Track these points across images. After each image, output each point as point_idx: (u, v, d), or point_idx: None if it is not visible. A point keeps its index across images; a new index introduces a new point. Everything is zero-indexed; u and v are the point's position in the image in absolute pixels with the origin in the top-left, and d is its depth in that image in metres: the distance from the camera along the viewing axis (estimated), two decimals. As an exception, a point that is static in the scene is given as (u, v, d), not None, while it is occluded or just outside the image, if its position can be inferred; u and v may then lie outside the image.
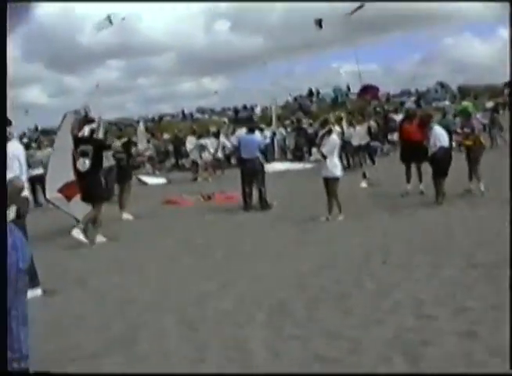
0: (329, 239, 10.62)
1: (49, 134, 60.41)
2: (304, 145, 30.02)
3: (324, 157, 12.58)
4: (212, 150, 25.52)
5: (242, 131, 16.41)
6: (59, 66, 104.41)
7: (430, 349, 5.21)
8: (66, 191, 12.84)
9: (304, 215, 13.18)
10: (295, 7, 57.38)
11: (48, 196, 13.28)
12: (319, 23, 30.86)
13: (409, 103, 18.91)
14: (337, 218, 12.36)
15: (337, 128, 22.59)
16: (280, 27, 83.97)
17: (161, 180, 27.05)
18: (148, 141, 40.48)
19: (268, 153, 30.88)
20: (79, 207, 12.72)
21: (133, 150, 16.79)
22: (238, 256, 9.86)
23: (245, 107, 58.54)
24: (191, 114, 61.95)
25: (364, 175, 17.83)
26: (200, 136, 26.51)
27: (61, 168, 12.78)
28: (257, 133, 16.15)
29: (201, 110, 61.56)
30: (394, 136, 25.12)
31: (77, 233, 11.76)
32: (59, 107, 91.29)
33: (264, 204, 14.98)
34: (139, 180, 26.76)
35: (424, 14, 63.06)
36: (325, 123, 13.53)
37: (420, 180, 14.76)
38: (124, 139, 16.49)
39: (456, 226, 10.51)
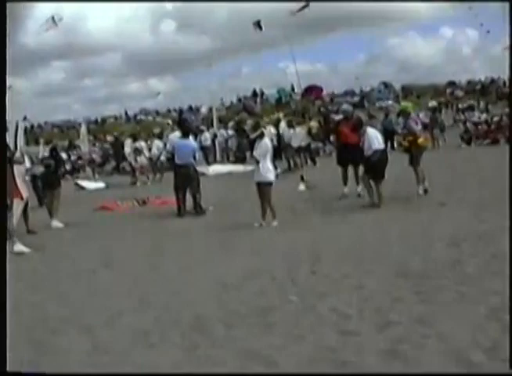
0: (259, 247, 10.21)
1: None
2: (246, 147, 29.58)
3: (257, 161, 12.21)
4: (147, 154, 24.94)
5: (175, 135, 15.79)
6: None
7: (349, 369, 4.86)
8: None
9: (238, 221, 12.82)
10: (241, 7, 57.05)
11: None
12: (258, 24, 30.54)
13: (346, 105, 18.55)
14: (271, 225, 12.00)
15: (272, 131, 22.38)
16: (226, 28, 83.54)
17: (100, 184, 26.41)
18: (94, 144, 39.84)
19: (209, 154, 30.62)
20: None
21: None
22: (161, 267, 9.38)
23: (190, 108, 57.99)
24: (135, 116, 61.28)
25: (302, 178, 17.51)
26: (135, 139, 25.91)
27: None
28: (190, 138, 15.60)
29: (145, 112, 60.81)
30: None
31: None
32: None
33: (198, 210, 14.55)
34: (77, 185, 26.20)
35: (369, 14, 63.47)
36: (256, 126, 13.20)
37: (357, 183, 14.51)
38: (54, 144, 15.85)
39: (390, 231, 10.23)
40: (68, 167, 35.88)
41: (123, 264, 9.93)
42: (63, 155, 37.29)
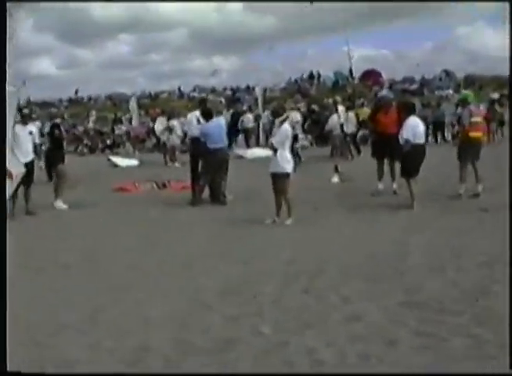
0: (259, 251, 8.77)
1: (48, 107, 59.06)
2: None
3: (274, 149, 10.76)
4: (180, 133, 23.47)
5: (193, 115, 14.24)
6: (69, 38, 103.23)
7: None
8: None
9: (253, 215, 11.41)
10: (308, -12, 55.44)
11: None
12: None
13: (385, 91, 17.08)
14: (285, 222, 10.57)
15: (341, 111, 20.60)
16: (293, 9, 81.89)
17: (133, 162, 25.25)
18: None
19: (250, 137, 29.25)
20: None
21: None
22: (143, 268, 8.06)
23: (248, 88, 56.60)
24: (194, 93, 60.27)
25: (336, 169, 15.92)
26: (170, 116, 24.53)
27: None
28: (221, 119, 14.19)
29: (199, 89, 59.57)
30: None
31: None
32: (68, 79, 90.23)
33: (222, 199, 13.17)
34: (110, 161, 25.19)
35: (438, 3, 60.94)
36: (281, 110, 11.68)
37: (393, 178, 12.94)
38: (56, 121, 14.57)
39: (415, 241, 8.68)
40: (109, 141, 35.09)
41: (103, 262, 8.62)
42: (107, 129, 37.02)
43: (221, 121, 13.97)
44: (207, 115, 13.51)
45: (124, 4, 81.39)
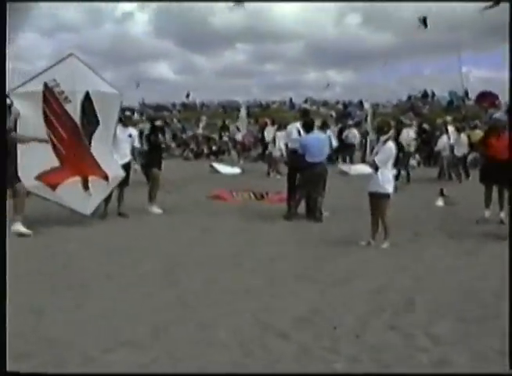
0: (347, 275, 8.17)
1: (161, 110, 60.20)
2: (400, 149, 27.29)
3: (376, 167, 10.17)
4: (282, 144, 23.05)
5: (294, 126, 13.79)
6: (188, 44, 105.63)
7: None
8: (50, 178, 11.37)
9: (347, 234, 10.91)
10: (427, 6, 54.27)
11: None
12: (424, 21, 27.85)
13: (500, 113, 16.08)
14: (381, 246, 9.96)
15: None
16: (411, 25, 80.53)
17: (235, 170, 25.18)
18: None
19: (353, 153, 28.64)
20: (69, 195, 11.55)
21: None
22: (220, 285, 7.63)
23: (361, 103, 55.78)
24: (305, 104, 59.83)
25: (441, 192, 15.14)
26: (279, 127, 24.11)
27: (35, 153, 11.09)
28: (318, 132, 13.73)
29: (311, 101, 59.14)
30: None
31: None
32: (184, 84, 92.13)
33: (317, 215, 12.67)
34: (212, 167, 25.18)
35: None
36: (386, 127, 11.01)
37: (501, 207, 12.08)
38: (159, 123, 14.37)
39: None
40: (215, 147, 35.17)
41: (171, 273, 8.24)
42: (215, 135, 37.12)
43: (321, 135, 13.51)
44: (308, 127, 13.05)
45: (244, 13, 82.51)
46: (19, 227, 10.60)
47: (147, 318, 6.20)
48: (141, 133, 14.44)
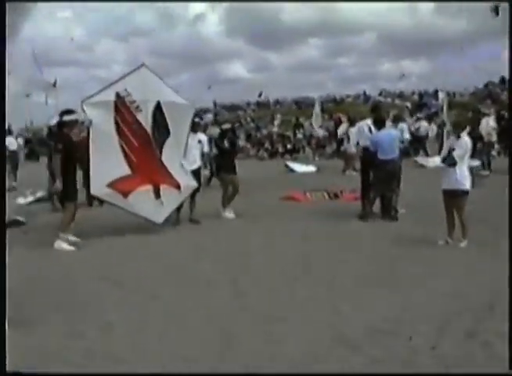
0: (423, 277, 7.82)
1: (236, 109, 60.46)
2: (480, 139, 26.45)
3: (451, 163, 9.79)
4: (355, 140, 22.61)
5: (365, 123, 13.44)
6: (260, 42, 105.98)
7: None
8: (121, 186, 11.44)
9: (424, 233, 10.52)
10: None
11: (93, 192, 11.53)
12: (496, 10, 26.90)
13: None
14: (459, 245, 9.59)
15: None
16: (485, 10, 78.35)
17: (310, 168, 24.96)
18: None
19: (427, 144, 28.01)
20: (141, 203, 11.59)
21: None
22: (290, 293, 7.41)
23: (436, 92, 54.46)
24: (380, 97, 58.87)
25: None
26: (351, 122, 23.65)
27: (107, 161, 11.27)
28: (389, 128, 13.37)
29: (385, 93, 58.16)
30: None
31: None
32: (258, 83, 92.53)
33: (392, 213, 12.35)
34: (286, 166, 25.01)
35: None
36: (463, 123, 10.56)
37: None
38: (227, 126, 14.24)
39: None
40: (289, 145, 34.97)
41: (238, 282, 8.03)
42: (290, 133, 36.91)
43: (392, 131, 13.14)
44: (380, 123, 12.72)
45: (314, 7, 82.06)
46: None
47: (216, 328, 6.06)
48: (210, 139, 14.36)
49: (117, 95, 11.43)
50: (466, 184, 9.76)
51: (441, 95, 35.92)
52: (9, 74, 5.90)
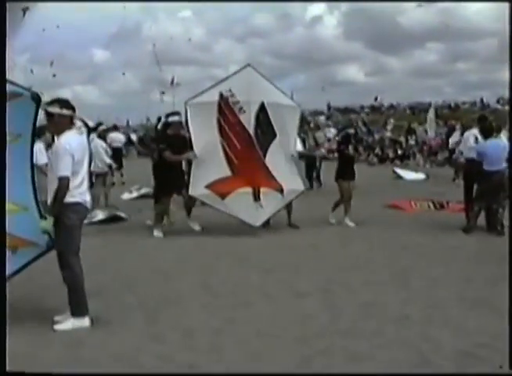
0: None
1: (349, 113, 60.04)
2: None
3: None
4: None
5: (471, 133, 12.99)
6: (378, 45, 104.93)
7: None
8: (220, 187, 11.54)
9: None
10: None
11: (192, 192, 11.61)
12: None
13: None
14: None
15: None
16: None
17: (420, 176, 24.35)
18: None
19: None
20: (238, 205, 11.59)
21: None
22: (373, 310, 7.15)
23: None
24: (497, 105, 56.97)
25: None
26: (465, 128, 22.77)
27: (208, 162, 11.49)
28: (502, 137, 12.86)
29: (504, 101, 56.19)
30: None
31: None
32: (374, 86, 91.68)
33: (499, 228, 11.81)
34: (394, 173, 24.51)
35: None
36: None
37: None
38: (351, 131, 13.90)
39: None
40: (400, 151, 34.33)
41: (330, 292, 7.84)
42: (402, 138, 36.24)
43: (500, 141, 12.57)
44: (487, 133, 12.18)
45: (433, 11, 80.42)
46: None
47: (294, 345, 5.89)
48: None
49: (221, 95, 11.50)
50: None
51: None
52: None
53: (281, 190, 11.97)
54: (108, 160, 14.99)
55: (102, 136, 15.56)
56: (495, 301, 7.29)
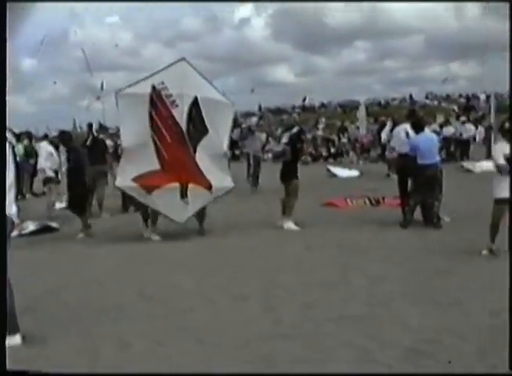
0: (463, 296, 7.23)
1: (281, 113, 60.17)
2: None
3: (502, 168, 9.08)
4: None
5: (402, 128, 13.01)
6: (307, 46, 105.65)
7: None
8: (147, 181, 11.33)
9: (469, 243, 9.94)
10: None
11: (118, 184, 11.56)
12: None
13: None
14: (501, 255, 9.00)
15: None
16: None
17: (353, 173, 24.47)
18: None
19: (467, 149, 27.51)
20: (164, 200, 11.43)
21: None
22: (310, 313, 6.99)
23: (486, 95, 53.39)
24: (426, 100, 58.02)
25: None
26: (396, 124, 22.95)
27: (137, 154, 11.27)
28: (428, 131, 12.95)
29: (432, 96, 57.38)
30: None
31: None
32: (304, 87, 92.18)
33: (435, 222, 11.83)
34: (329, 171, 24.52)
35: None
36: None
37: None
38: (296, 129, 13.61)
39: None
40: (333, 149, 34.51)
41: (271, 296, 7.66)
42: (335, 137, 36.43)
43: (432, 135, 12.70)
44: (417, 128, 12.19)
45: (359, 10, 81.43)
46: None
47: (237, 351, 5.67)
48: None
49: (153, 87, 11.25)
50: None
51: (482, 97, 35.08)
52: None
53: (209, 187, 11.74)
54: (42, 165, 14.65)
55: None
56: (436, 296, 7.27)
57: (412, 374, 4.44)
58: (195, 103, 11.55)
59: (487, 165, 21.17)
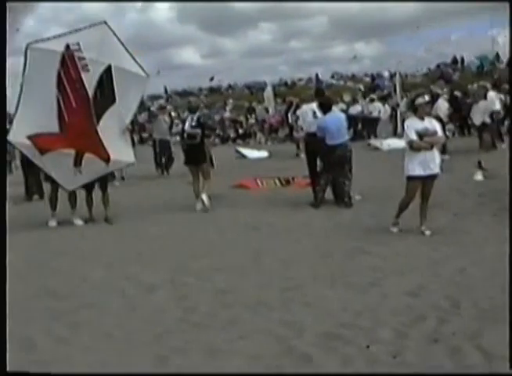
0: (378, 276, 7.14)
1: (188, 95, 59.41)
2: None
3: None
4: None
5: (308, 107, 12.83)
6: (212, 27, 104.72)
7: None
8: (43, 142, 10.79)
9: (381, 221, 9.89)
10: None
11: (11, 138, 10.67)
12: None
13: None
14: (425, 232, 8.99)
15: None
16: (435, -8, 78.80)
17: (262, 153, 24.30)
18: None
19: (384, 127, 27.78)
20: (55, 164, 11.01)
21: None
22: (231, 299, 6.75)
23: (390, 74, 54.19)
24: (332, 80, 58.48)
25: (480, 165, 13.95)
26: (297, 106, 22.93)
27: (37, 111, 10.67)
28: (336, 110, 12.88)
29: (338, 76, 57.84)
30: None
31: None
32: (211, 68, 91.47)
33: (346, 201, 11.75)
34: (238, 152, 24.27)
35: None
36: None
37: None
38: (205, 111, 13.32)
39: None
40: (241, 131, 34.31)
41: (179, 285, 7.37)
42: (242, 118, 36.24)
43: (340, 114, 12.57)
44: (325, 107, 12.03)
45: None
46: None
47: (149, 344, 5.36)
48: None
49: (67, 47, 10.73)
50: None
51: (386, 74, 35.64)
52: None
53: (107, 160, 11.22)
54: None
55: None
56: (351, 277, 7.11)
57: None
58: (107, 71, 10.97)
59: (394, 142, 21.52)
